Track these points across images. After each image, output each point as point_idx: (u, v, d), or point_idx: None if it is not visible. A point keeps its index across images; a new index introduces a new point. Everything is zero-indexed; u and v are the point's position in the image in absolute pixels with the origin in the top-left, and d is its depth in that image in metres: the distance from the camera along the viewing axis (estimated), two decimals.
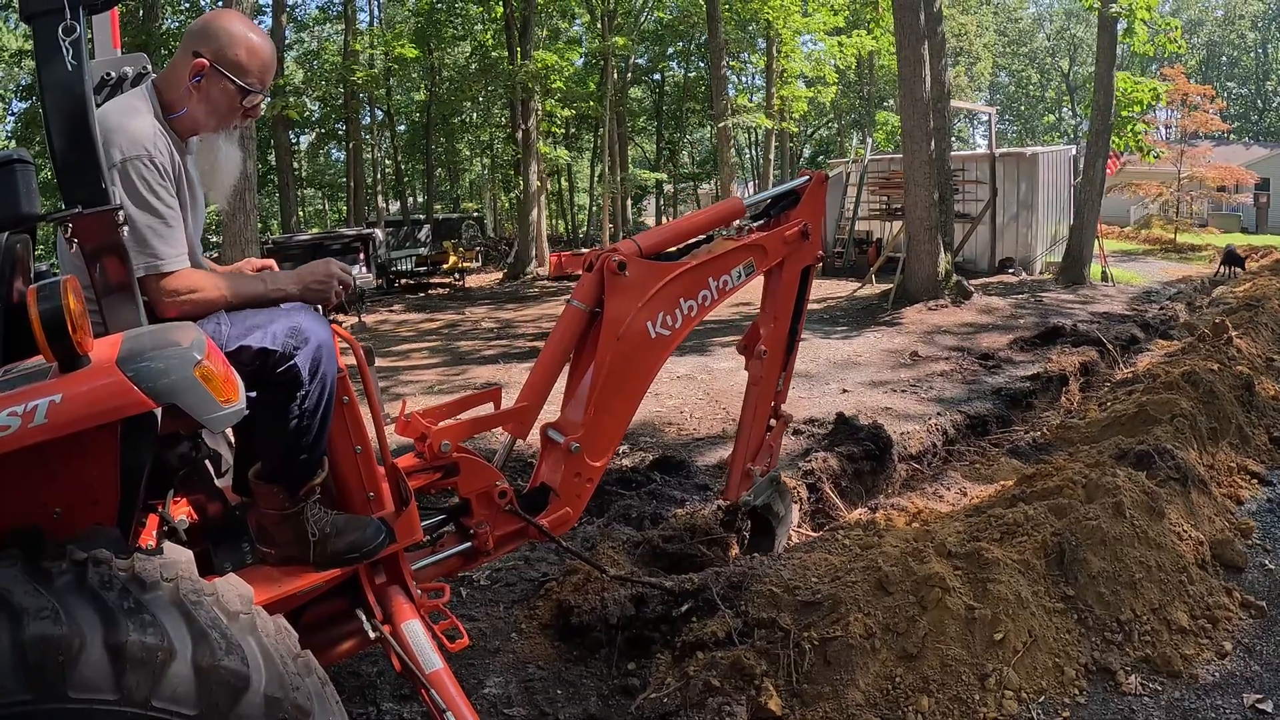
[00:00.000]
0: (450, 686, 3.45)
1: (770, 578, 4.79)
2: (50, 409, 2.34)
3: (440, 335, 19.66)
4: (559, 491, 4.38)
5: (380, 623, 3.58)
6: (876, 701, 4.15)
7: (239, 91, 3.24)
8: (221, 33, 3.21)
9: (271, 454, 3.30)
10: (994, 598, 4.43)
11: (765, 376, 5.50)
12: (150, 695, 2.32)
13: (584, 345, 4.60)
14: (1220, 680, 4.47)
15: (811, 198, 5.32)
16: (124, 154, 2.95)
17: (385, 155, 52.90)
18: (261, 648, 2.54)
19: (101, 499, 2.68)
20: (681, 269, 4.67)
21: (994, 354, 13.66)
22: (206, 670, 2.39)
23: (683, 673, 4.40)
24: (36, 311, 2.34)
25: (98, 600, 2.34)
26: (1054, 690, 4.30)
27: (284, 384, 3.13)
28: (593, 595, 5.04)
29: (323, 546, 3.36)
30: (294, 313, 3.25)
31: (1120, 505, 5.14)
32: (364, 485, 3.60)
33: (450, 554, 4.21)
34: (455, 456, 4.09)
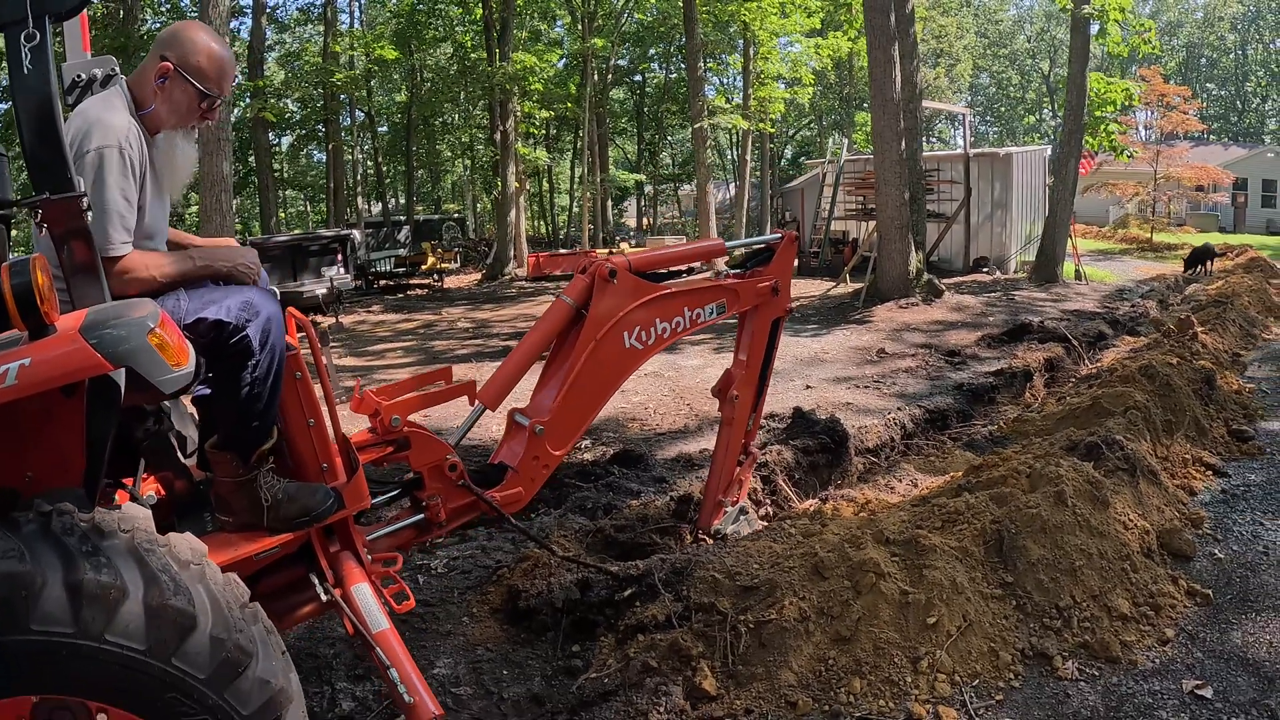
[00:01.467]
0: (395, 645, 3.62)
1: (713, 564, 4.87)
2: (20, 371, 2.55)
3: (416, 335, 19.69)
4: (517, 470, 4.59)
5: (332, 586, 3.77)
6: (809, 682, 4.23)
7: (198, 94, 3.58)
8: (186, 40, 3.57)
9: (226, 422, 3.54)
10: (929, 583, 4.50)
11: (738, 417, 5.81)
12: (104, 630, 2.53)
13: (563, 340, 4.87)
14: (1160, 667, 4.50)
15: (782, 257, 5.69)
16: (99, 143, 3.24)
17: (366, 157, 52.81)
18: (209, 594, 2.76)
19: (69, 464, 2.91)
20: (663, 291, 5.01)
21: (960, 351, 13.75)
22: (156, 609, 2.60)
23: (624, 654, 4.52)
24: (9, 286, 2.55)
25: (60, 545, 2.57)
26: (988, 674, 4.35)
27: (237, 354, 3.38)
28: (540, 580, 5.19)
29: (275, 512, 3.60)
30: (246, 289, 3.55)
31: (1062, 494, 5.20)
32: (318, 456, 3.82)
33: (403, 525, 4.40)
34: (406, 431, 4.30)
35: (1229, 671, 4.49)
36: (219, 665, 2.70)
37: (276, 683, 2.85)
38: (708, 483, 6.06)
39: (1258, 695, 4.29)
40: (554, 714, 4.37)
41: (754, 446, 6.17)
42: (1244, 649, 4.67)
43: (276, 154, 47.62)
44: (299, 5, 47.12)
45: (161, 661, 2.62)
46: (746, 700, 4.17)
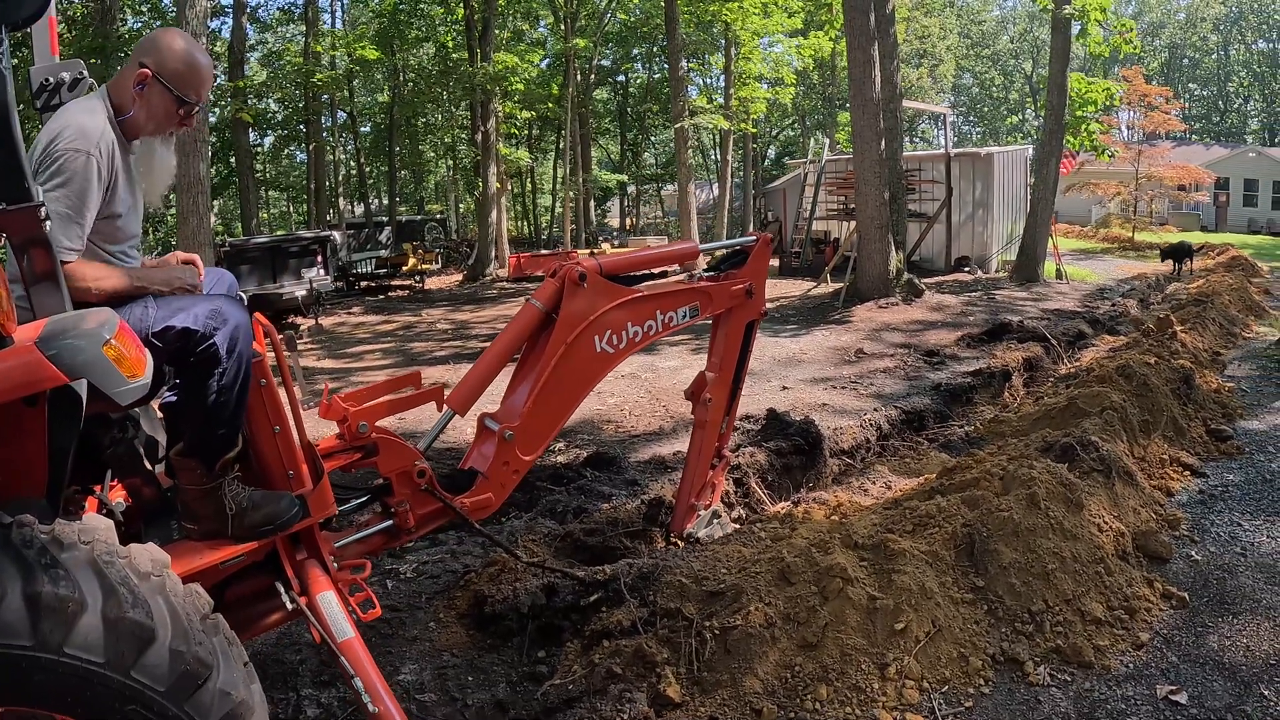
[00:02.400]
0: (360, 654, 3.61)
1: (680, 569, 4.84)
2: None
3: (396, 337, 19.63)
4: (487, 475, 4.58)
5: (297, 594, 3.75)
6: (774, 689, 4.19)
7: (176, 101, 3.62)
8: (165, 48, 3.61)
9: (192, 429, 3.54)
10: (897, 588, 4.47)
11: (710, 420, 5.82)
12: (63, 642, 2.52)
13: (533, 344, 4.85)
14: (1133, 671, 4.50)
15: (757, 259, 5.70)
16: (70, 146, 3.28)
17: (349, 157, 52.66)
18: (169, 606, 2.74)
19: (31, 474, 2.90)
20: (634, 295, 4.99)
21: (939, 350, 13.75)
22: (114, 622, 2.59)
23: (589, 661, 4.48)
24: None
25: (19, 557, 2.55)
26: (958, 680, 4.33)
27: (204, 361, 3.38)
28: (506, 585, 5.15)
29: (240, 520, 3.59)
30: (215, 298, 3.60)
31: (1035, 497, 5.18)
32: (284, 464, 3.82)
33: (372, 532, 4.38)
34: (374, 437, 4.28)
35: (1204, 676, 4.47)
36: (178, 677, 2.70)
37: (238, 694, 2.85)
38: (680, 486, 6.05)
39: (1233, 700, 4.27)
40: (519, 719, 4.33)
41: (727, 450, 6.16)
42: (1220, 653, 4.65)
43: (258, 154, 47.42)
44: (280, 5, 46.82)
45: (120, 674, 2.60)
46: (711, 708, 4.14)
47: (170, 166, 3.84)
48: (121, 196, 3.55)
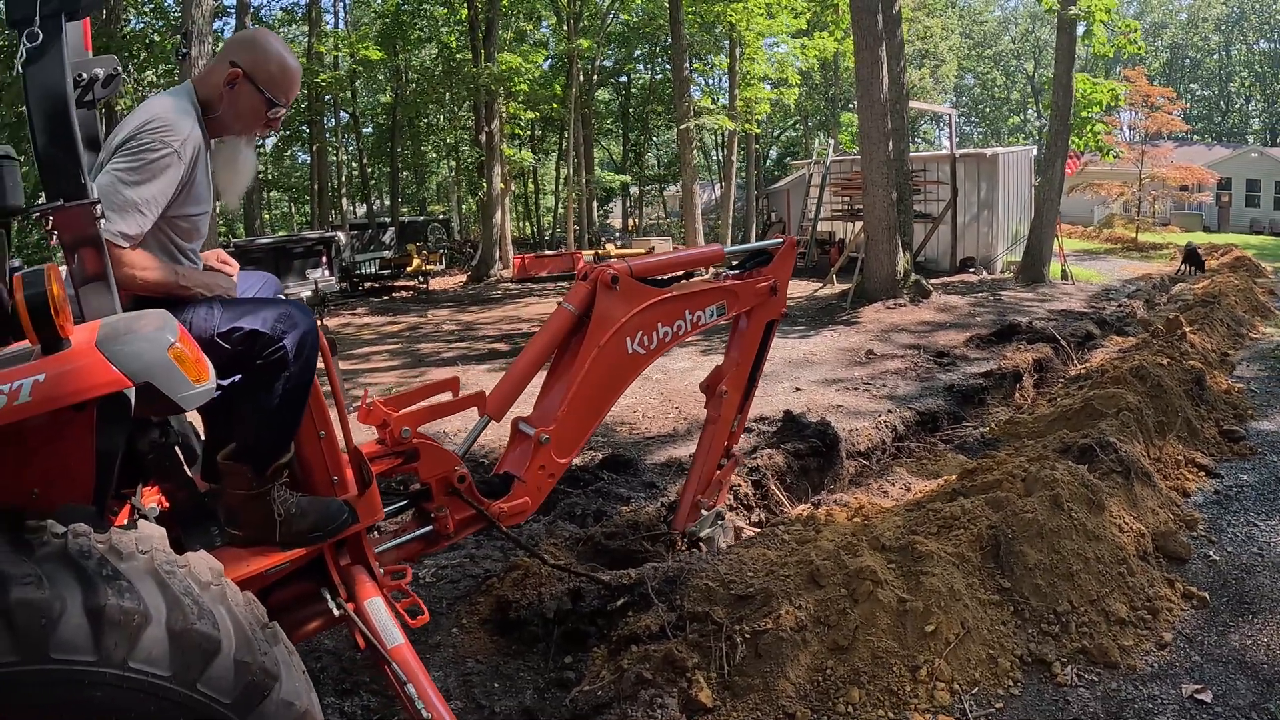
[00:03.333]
0: (411, 660, 3.58)
1: (706, 572, 4.83)
2: (34, 387, 2.46)
3: (401, 338, 19.62)
4: (524, 479, 4.58)
5: (344, 601, 3.73)
6: (807, 693, 4.19)
7: (265, 103, 3.61)
8: (259, 48, 3.60)
9: (247, 433, 3.48)
10: (926, 590, 4.48)
11: (723, 415, 5.80)
12: (127, 657, 2.44)
13: (564, 348, 4.86)
14: (1159, 671, 4.51)
15: (782, 259, 5.71)
16: (158, 135, 3.26)
17: (351, 158, 52.68)
18: (231, 615, 2.68)
19: (77, 480, 2.79)
20: (664, 296, 5.00)
21: (949, 351, 13.74)
22: (180, 634, 2.52)
23: (617, 666, 4.46)
24: (22, 297, 2.49)
25: (77, 568, 2.46)
26: (987, 682, 4.34)
27: (270, 365, 3.35)
28: (530, 590, 5.14)
29: (288, 526, 3.54)
30: (282, 301, 3.57)
31: (1058, 498, 5.19)
32: (328, 469, 3.79)
33: (412, 537, 4.37)
34: (415, 442, 4.28)
35: (1227, 675, 4.50)
36: (244, 689, 2.64)
37: (301, 704, 2.80)
38: (686, 482, 6.04)
39: (1257, 699, 4.31)
40: None
41: (736, 450, 6.14)
42: (1242, 652, 4.68)
43: (261, 155, 47.45)
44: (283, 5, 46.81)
45: (186, 688, 2.54)
46: (743, 712, 4.13)
47: (252, 168, 3.82)
48: (199, 196, 3.53)
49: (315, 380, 3.61)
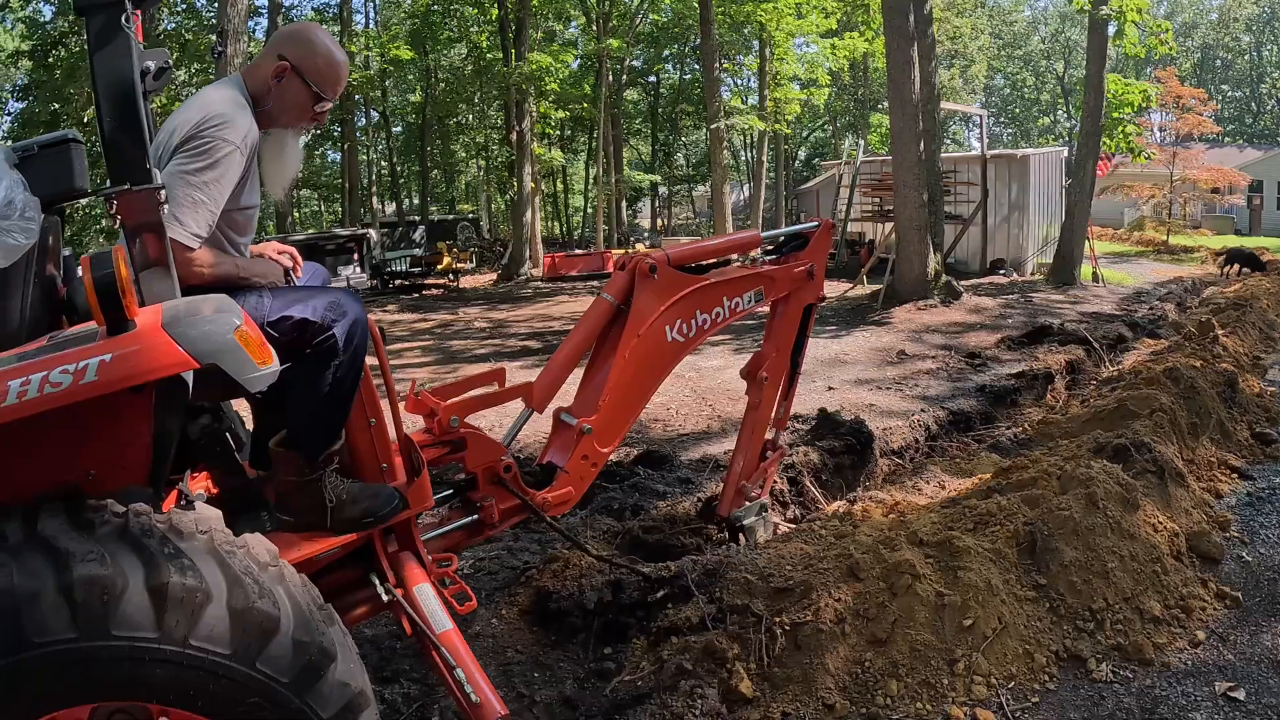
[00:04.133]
0: (459, 645, 3.61)
1: (745, 565, 4.87)
2: (101, 367, 2.48)
3: (433, 335, 19.76)
4: (567, 470, 4.64)
5: (393, 586, 3.75)
6: (846, 685, 4.24)
7: (313, 97, 3.64)
8: (306, 41, 3.64)
9: (299, 420, 3.53)
10: (964, 585, 4.51)
11: (764, 401, 5.84)
12: (188, 634, 2.48)
13: (604, 338, 4.91)
14: (1192, 668, 4.53)
15: (818, 242, 5.73)
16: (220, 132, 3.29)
17: (381, 157, 52.93)
18: (289, 596, 2.73)
19: (134, 462, 2.85)
20: (703, 283, 5.04)
21: (980, 353, 13.76)
22: (240, 612, 2.56)
23: (657, 656, 4.51)
24: (90, 278, 2.52)
25: (139, 546, 2.51)
26: (1024, 676, 4.36)
27: (321, 353, 3.39)
28: (570, 581, 5.18)
29: (339, 512, 3.59)
30: (333, 290, 3.60)
31: (1093, 496, 5.20)
32: (378, 456, 3.82)
33: (457, 526, 4.42)
34: (463, 432, 4.34)
35: (1260, 673, 4.50)
36: (302, 668, 2.68)
37: (355, 684, 2.83)
38: (730, 467, 6.04)
39: None
40: (588, 717, 4.36)
41: (783, 440, 6.17)
42: (1274, 651, 4.68)
43: None
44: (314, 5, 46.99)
45: (245, 666, 2.58)
46: (783, 703, 4.18)
47: (298, 160, 3.85)
48: (254, 190, 3.58)
49: (366, 368, 3.64)
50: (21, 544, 2.44)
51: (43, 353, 2.55)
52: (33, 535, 2.47)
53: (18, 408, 2.40)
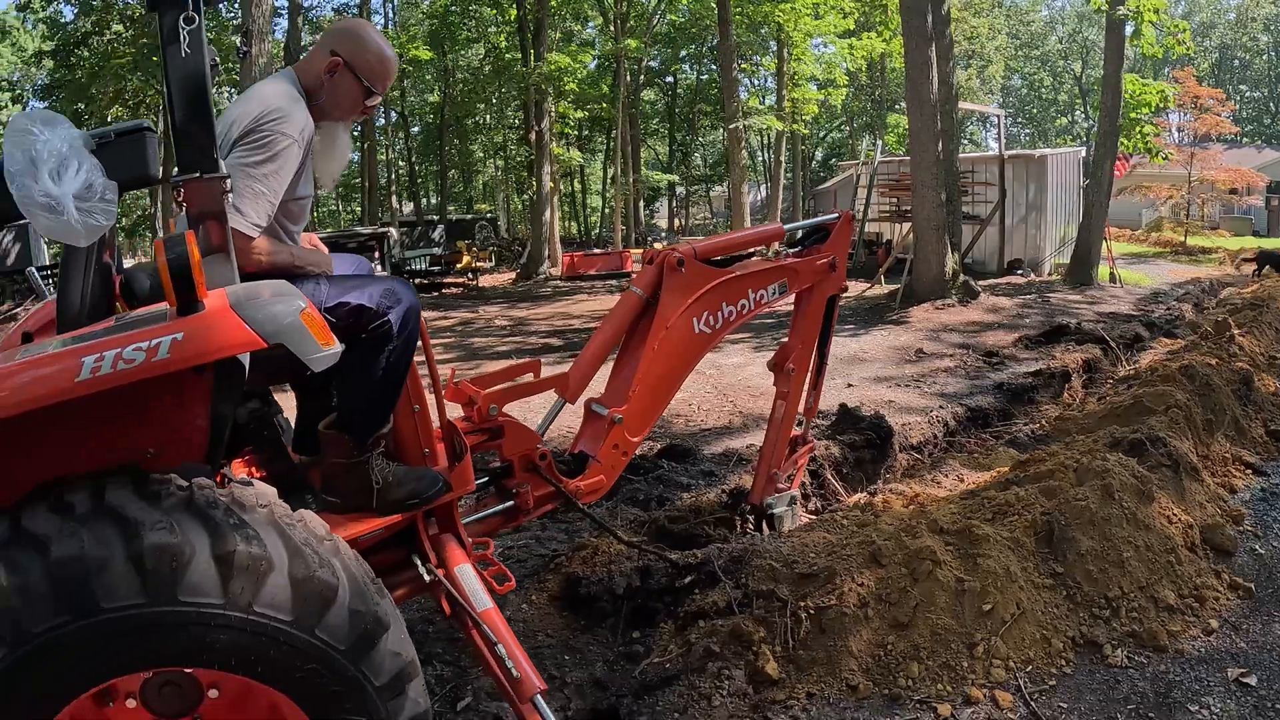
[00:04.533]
0: (500, 623, 3.72)
1: (770, 553, 5.01)
2: (173, 345, 2.60)
3: (454, 333, 19.89)
4: (599, 459, 4.78)
5: (435, 567, 3.88)
6: (869, 666, 4.37)
7: (364, 91, 3.79)
8: (358, 38, 3.79)
9: (351, 404, 3.67)
10: (983, 571, 4.63)
11: (791, 391, 5.96)
12: (252, 601, 2.60)
13: (632, 331, 5.05)
14: (1205, 655, 4.63)
15: (839, 235, 5.88)
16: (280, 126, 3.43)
17: (399, 156, 53.14)
18: (345, 567, 2.85)
19: (191, 443, 2.96)
20: (728, 276, 5.17)
21: (998, 351, 13.82)
22: (301, 581, 2.68)
23: (685, 640, 4.64)
24: (164, 259, 2.64)
25: (205, 516, 2.63)
26: (1041, 660, 4.48)
27: (375, 339, 3.53)
28: (600, 568, 5.32)
29: (385, 494, 3.71)
30: (387, 278, 3.75)
31: (1109, 487, 5.31)
32: (421, 441, 3.95)
33: (493, 512, 4.58)
34: (501, 420, 4.49)
35: (1272, 661, 4.60)
36: (358, 636, 2.78)
37: (405, 654, 2.93)
38: (760, 457, 6.17)
39: None
40: (618, 697, 4.46)
41: (811, 435, 6.30)
42: None
43: None
44: (334, 5, 47.24)
45: (305, 633, 2.68)
46: (808, 684, 4.32)
47: (348, 153, 4.02)
48: (308, 181, 3.72)
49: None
50: (89, 514, 2.54)
51: (112, 332, 2.65)
52: (101, 506, 2.56)
53: (92, 382, 2.51)
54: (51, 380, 2.51)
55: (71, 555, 2.45)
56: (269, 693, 2.75)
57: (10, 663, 2.42)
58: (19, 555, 2.46)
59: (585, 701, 4.55)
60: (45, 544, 2.47)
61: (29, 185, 2.62)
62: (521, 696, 3.59)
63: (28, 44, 46.66)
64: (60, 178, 2.65)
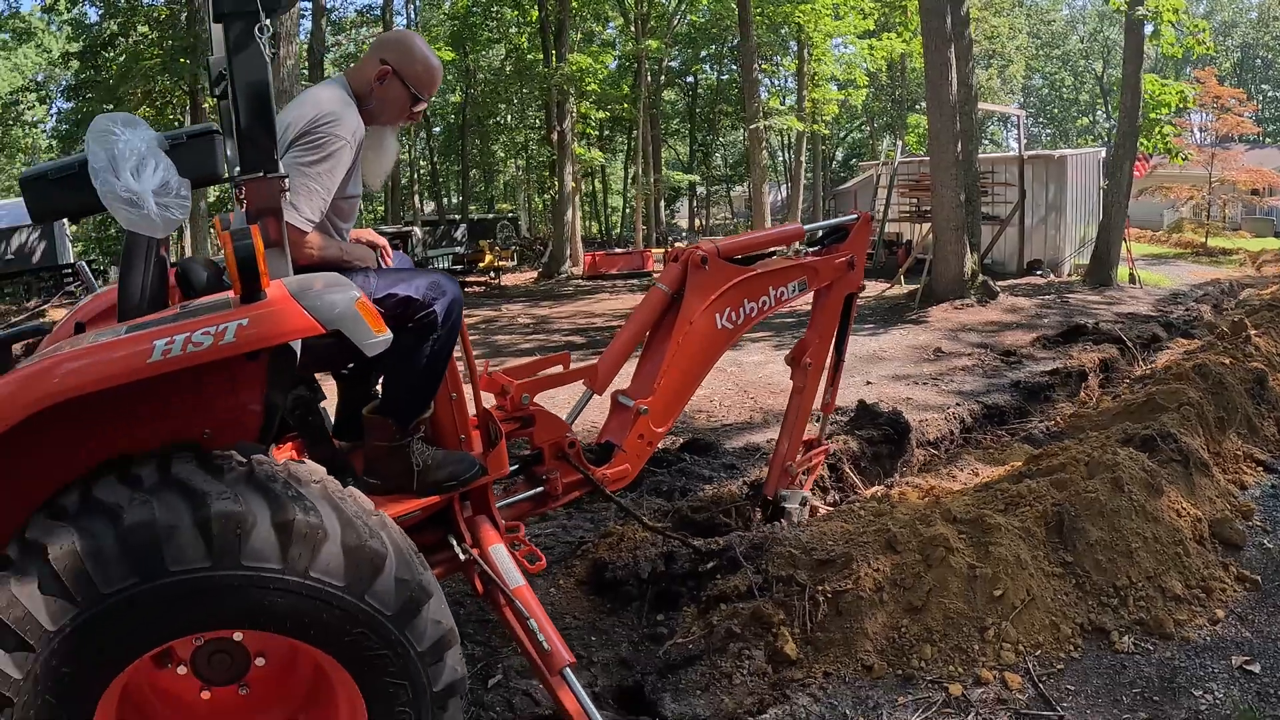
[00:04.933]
0: (532, 599, 3.97)
1: (790, 540, 5.21)
2: (239, 330, 2.81)
3: (478, 330, 20.09)
4: (624, 448, 4.99)
5: (469, 547, 4.10)
6: (883, 648, 4.56)
7: (410, 98, 4.06)
8: (407, 48, 4.05)
9: (396, 390, 3.91)
10: (995, 559, 4.80)
11: (808, 386, 6.15)
12: (309, 567, 2.81)
13: (658, 326, 5.26)
14: (1211, 643, 4.75)
15: (858, 235, 6.06)
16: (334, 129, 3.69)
17: (421, 156, 53.36)
18: (392, 539, 3.06)
19: (245, 425, 3.19)
20: (750, 273, 5.37)
21: (1016, 351, 13.92)
22: (354, 549, 2.89)
23: (707, 622, 4.86)
24: (232, 250, 2.83)
25: (265, 488, 2.84)
26: (1050, 645, 4.64)
27: (421, 328, 3.75)
28: (625, 553, 5.55)
29: (425, 476, 3.93)
30: (432, 272, 4.00)
31: (1119, 480, 5.45)
32: (457, 428, 4.18)
33: (523, 497, 4.82)
34: (532, 409, 4.72)
35: (1276, 650, 4.70)
36: (404, 603, 2.98)
37: (446, 623, 3.13)
38: (775, 449, 6.35)
39: None
40: (643, 675, 4.68)
41: (826, 437, 6.48)
42: None
43: None
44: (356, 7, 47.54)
45: (356, 598, 2.88)
46: (825, 664, 4.51)
47: (394, 154, 4.26)
48: (357, 180, 3.97)
49: None
50: (158, 485, 2.76)
51: (179, 318, 2.87)
52: (168, 477, 2.79)
53: (163, 363, 2.73)
54: (127, 360, 2.72)
55: (142, 522, 2.66)
56: (313, 658, 2.98)
57: (81, 622, 2.62)
58: (92, 522, 2.68)
59: (611, 679, 4.77)
60: (117, 512, 2.68)
61: (112, 181, 2.86)
62: (551, 669, 3.81)
63: (52, 45, 47.12)
64: (139, 175, 2.90)
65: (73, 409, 2.75)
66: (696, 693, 4.42)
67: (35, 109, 42.16)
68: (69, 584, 2.61)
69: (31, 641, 2.61)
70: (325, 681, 3.08)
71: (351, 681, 2.98)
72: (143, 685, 3.06)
